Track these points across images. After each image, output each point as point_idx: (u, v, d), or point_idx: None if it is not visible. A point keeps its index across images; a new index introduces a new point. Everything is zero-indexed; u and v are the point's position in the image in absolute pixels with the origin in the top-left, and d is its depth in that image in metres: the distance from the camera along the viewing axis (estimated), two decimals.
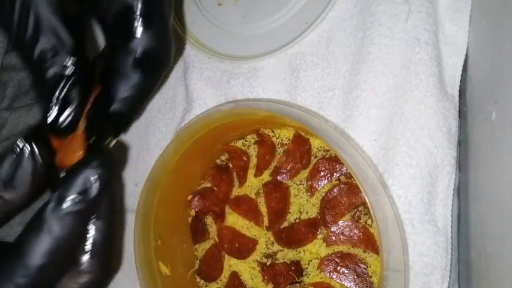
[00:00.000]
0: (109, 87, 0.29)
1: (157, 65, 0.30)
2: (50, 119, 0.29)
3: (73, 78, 0.28)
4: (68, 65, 0.28)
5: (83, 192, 0.27)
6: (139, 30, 0.28)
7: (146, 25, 0.28)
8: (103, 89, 0.30)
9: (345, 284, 0.38)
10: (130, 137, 0.53)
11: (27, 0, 0.27)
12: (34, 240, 0.27)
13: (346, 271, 0.38)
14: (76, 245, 0.29)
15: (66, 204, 0.27)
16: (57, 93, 0.28)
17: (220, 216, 0.45)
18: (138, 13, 0.28)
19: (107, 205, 0.31)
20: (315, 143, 0.41)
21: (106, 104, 0.29)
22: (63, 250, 0.27)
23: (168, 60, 0.31)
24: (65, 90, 0.28)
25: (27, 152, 0.29)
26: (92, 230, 0.30)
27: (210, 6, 0.48)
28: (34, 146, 0.29)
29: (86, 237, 0.30)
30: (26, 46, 0.28)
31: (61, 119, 0.29)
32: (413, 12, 0.37)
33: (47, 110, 0.28)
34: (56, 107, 0.28)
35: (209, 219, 0.47)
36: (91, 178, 0.28)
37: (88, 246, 0.30)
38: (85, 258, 0.30)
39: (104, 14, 0.29)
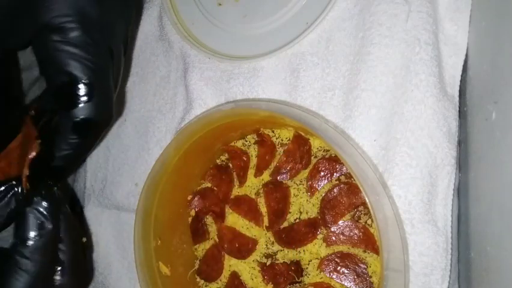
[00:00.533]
0: (51, 143, 0.33)
1: (94, 130, 0.34)
2: None
3: None
4: None
5: (40, 226, 0.30)
6: (82, 101, 0.31)
7: (88, 97, 0.32)
8: (46, 143, 0.33)
9: (345, 284, 0.38)
10: (130, 137, 0.53)
11: None
12: (11, 283, 0.29)
13: (346, 271, 0.38)
14: (50, 273, 0.32)
15: (30, 242, 0.30)
16: None
17: (220, 216, 0.45)
18: (83, 86, 0.31)
19: (66, 228, 0.33)
20: (315, 143, 0.41)
21: (48, 158, 0.33)
22: (40, 281, 0.30)
23: (105, 126, 0.34)
24: None
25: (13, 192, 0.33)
26: (59, 253, 0.33)
27: (210, 6, 0.48)
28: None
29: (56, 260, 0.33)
30: None
31: None
32: (413, 12, 0.37)
33: None
34: None
35: (209, 219, 0.47)
36: (41, 212, 0.31)
37: (57, 267, 0.33)
38: (57, 277, 0.33)
39: (51, 79, 0.32)
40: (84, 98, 0.31)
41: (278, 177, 0.42)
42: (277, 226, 0.42)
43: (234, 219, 0.45)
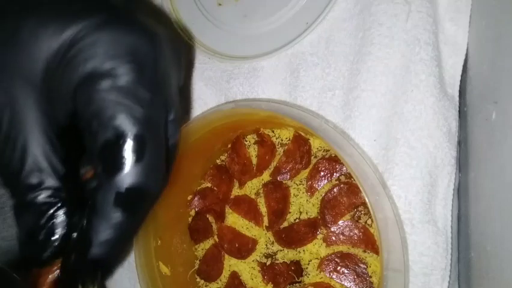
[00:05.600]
0: (88, 227, 0.25)
1: (142, 204, 0.26)
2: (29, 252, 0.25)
3: (59, 210, 0.25)
4: (54, 194, 0.25)
5: None
6: (128, 163, 0.24)
7: (136, 158, 0.24)
8: (81, 229, 0.26)
9: (345, 284, 0.38)
10: None
11: (14, 130, 0.24)
12: None
13: (346, 271, 0.38)
14: None
15: None
16: (43, 221, 0.25)
17: (220, 216, 0.45)
18: (129, 144, 0.24)
19: None
20: (315, 143, 0.41)
21: (84, 247, 0.25)
22: None
23: (156, 198, 0.26)
24: (49, 220, 0.25)
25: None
26: None
27: (210, 6, 0.48)
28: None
29: None
30: (12, 172, 0.25)
31: (45, 251, 0.25)
32: (413, 12, 0.37)
33: (29, 240, 0.25)
34: (43, 236, 0.25)
35: (209, 219, 0.47)
36: None
37: None
38: None
39: (92, 140, 0.24)
40: (131, 159, 0.24)
41: (278, 177, 0.42)
42: (277, 226, 0.42)
43: (234, 219, 0.45)
